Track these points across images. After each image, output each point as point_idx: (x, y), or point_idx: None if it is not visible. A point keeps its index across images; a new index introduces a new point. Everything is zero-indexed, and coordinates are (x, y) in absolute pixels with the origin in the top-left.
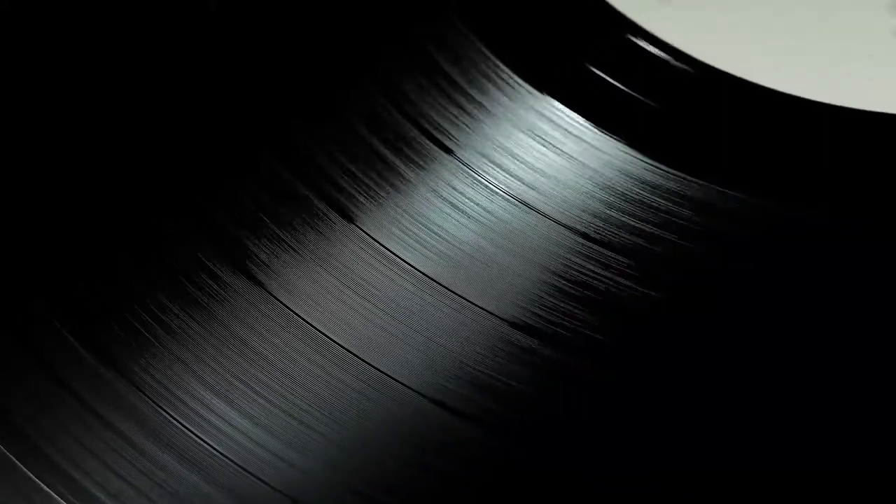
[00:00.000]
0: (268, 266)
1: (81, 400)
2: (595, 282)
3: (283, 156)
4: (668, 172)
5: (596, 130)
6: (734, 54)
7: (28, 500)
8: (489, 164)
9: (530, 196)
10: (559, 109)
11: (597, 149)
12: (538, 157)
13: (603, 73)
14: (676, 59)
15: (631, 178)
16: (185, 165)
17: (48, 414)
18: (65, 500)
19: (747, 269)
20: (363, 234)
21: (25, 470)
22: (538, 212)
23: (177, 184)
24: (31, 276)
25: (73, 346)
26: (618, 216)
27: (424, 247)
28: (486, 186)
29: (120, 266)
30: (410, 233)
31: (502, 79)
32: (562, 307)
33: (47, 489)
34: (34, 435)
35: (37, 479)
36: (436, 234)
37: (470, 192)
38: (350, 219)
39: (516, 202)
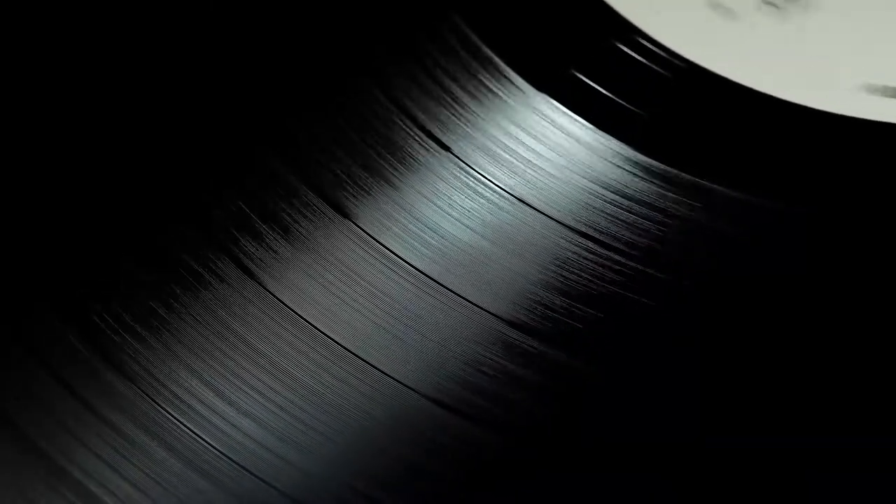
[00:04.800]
0: (264, 262)
1: (80, 398)
2: (592, 280)
3: (281, 152)
4: (665, 171)
5: (593, 129)
6: (732, 57)
7: (28, 500)
8: (487, 161)
9: (527, 194)
10: (557, 108)
11: (594, 147)
12: (536, 155)
13: (601, 72)
14: (674, 60)
15: (628, 176)
16: (181, 162)
17: (47, 412)
18: (64, 499)
19: (746, 269)
20: (360, 230)
21: (25, 469)
22: (535, 209)
23: (173, 180)
24: (31, 275)
25: (72, 343)
26: (615, 214)
27: (421, 244)
28: (484, 184)
29: (117, 263)
30: (407, 230)
31: (500, 77)
32: (558, 305)
33: (47, 488)
34: (34, 434)
35: (37, 478)
36: (433, 231)
37: (467, 189)
38: (346, 215)
39: (514, 200)
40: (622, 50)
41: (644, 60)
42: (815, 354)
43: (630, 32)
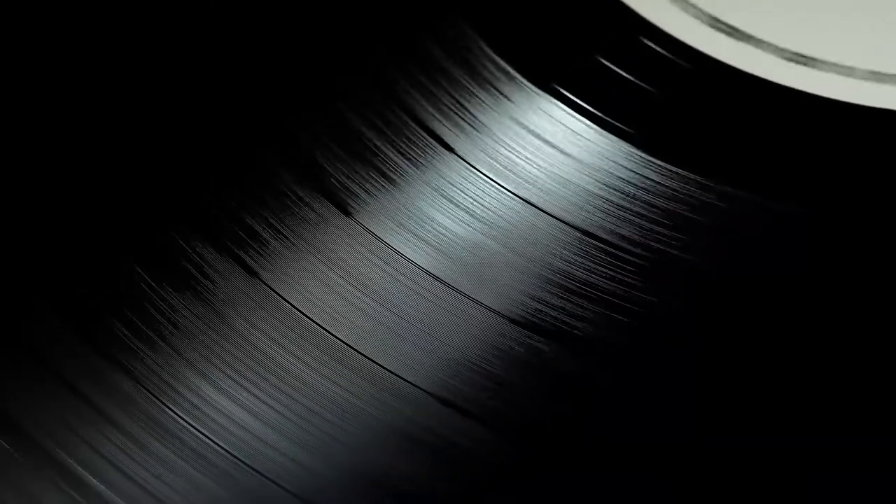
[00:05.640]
0: (267, 262)
1: (82, 395)
2: (596, 279)
3: (282, 151)
4: (669, 170)
5: (597, 128)
6: (735, 49)
7: (31, 499)
8: (490, 161)
9: (530, 193)
10: (560, 106)
11: (598, 146)
12: (539, 154)
13: (604, 70)
14: (679, 56)
15: (632, 175)
16: (182, 161)
17: (48, 411)
18: (68, 497)
19: (746, 269)
20: (363, 230)
21: (28, 468)
22: (539, 209)
23: (174, 179)
24: (31, 275)
25: (72, 343)
26: (619, 214)
27: (424, 243)
28: (487, 183)
29: (118, 261)
30: (410, 229)
31: (503, 76)
32: (562, 304)
33: (49, 486)
34: (35, 432)
35: (38, 477)
36: (436, 230)
37: (470, 188)
38: (349, 214)
39: (517, 199)
40: (624, 49)
41: (651, 56)
42: (816, 354)
43: (632, 31)
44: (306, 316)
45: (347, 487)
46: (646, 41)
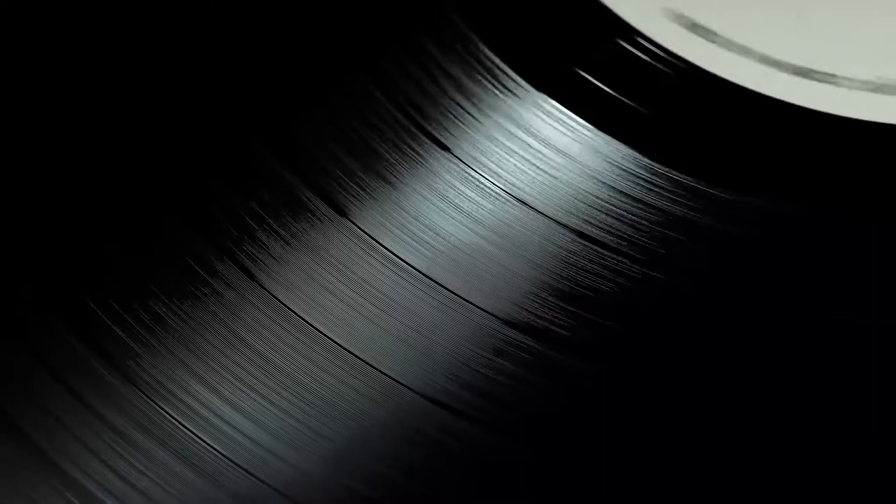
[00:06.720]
0: (263, 262)
1: (80, 398)
2: (591, 280)
3: (279, 150)
4: (665, 172)
5: (593, 129)
6: (730, 58)
7: (28, 500)
8: (486, 161)
9: (526, 194)
10: (557, 108)
11: (594, 147)
12: (535, 155)
13: (601, 71)
14: (674, 61)
15: (628, 176)
16: (181, 162)
17: (46, 413)
18: (64, 499)
19: (745, 269)
20: (359, 230)
21: (25, 469)
22: (534, 209)
23: (171, 179)
24: (31, 275)
25: (72, 344)
26: (614, 215)
27: (420, 244)
28: (483, 184)
29: (118, 264)
30: (406, 230)
31: (500, 76)
32: (557, 305)
33: (47, 488)
34: (33, 434)
35: (37, 478)
36: (431, 230)
37: (466, 189)
38: (345, 214)
39: (512, 200)
40: (622, 50)
41: (644, 60)
42: (815, 354)
43: (630, 32)
44: (300, 317)
45: (342, 490)
46: (645, 43)
